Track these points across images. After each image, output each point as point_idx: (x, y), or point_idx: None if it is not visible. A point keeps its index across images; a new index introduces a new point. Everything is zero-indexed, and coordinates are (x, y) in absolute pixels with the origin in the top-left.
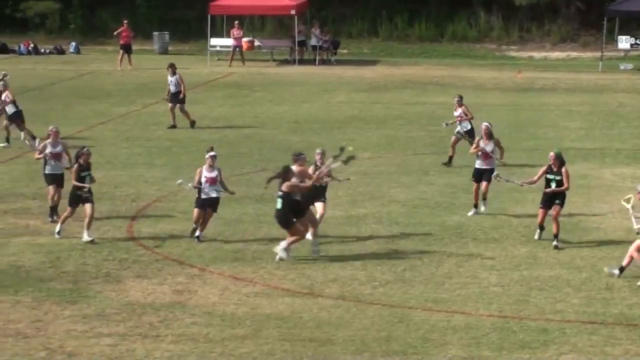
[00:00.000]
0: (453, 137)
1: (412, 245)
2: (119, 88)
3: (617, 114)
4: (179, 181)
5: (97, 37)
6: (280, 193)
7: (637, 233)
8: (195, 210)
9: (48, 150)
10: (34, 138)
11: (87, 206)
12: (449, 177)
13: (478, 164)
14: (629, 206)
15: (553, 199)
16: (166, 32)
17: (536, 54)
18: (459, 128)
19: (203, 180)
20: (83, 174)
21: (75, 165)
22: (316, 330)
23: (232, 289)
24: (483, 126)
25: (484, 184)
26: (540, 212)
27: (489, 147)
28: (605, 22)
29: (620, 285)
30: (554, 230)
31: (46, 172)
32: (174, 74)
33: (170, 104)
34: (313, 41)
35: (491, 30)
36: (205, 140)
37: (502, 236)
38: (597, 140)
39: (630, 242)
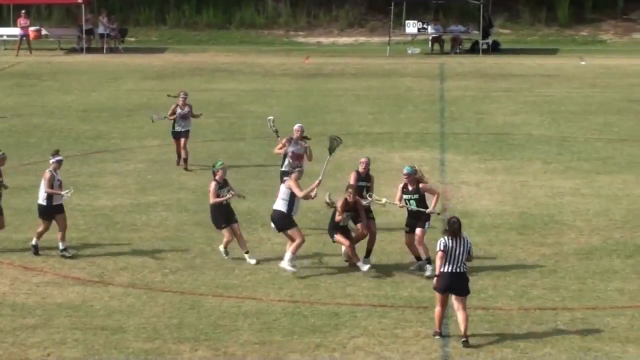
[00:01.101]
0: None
1: (202, 232)
2: None
3: (405, 98)
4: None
5: None
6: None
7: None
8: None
9: None
10: None
11: None
12: (238, 163)
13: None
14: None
15: (416, 220)
16: None
17: (324, 40)
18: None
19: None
20: None
21: None
22: (107, 318)
23: (22, 279)
24: (296, 126)
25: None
26: (406, 236)
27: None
28: (392, 7)
29: (406, 267)
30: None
31: None
32: None
33: None
34: (100, 29)
35: (279, 17)
36: None
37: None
38: (385, 124)
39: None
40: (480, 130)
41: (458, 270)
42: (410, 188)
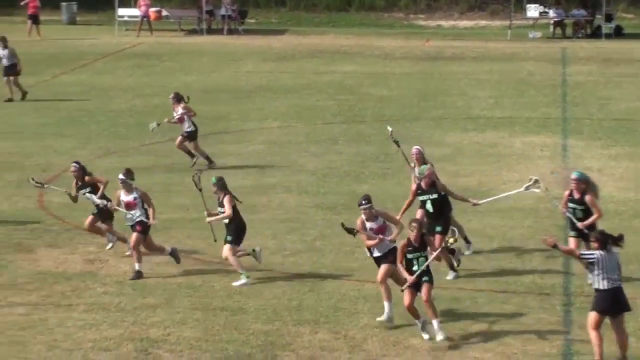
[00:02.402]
0: (179, 138)
1: (322, 215)
2: (28, 59)
3: (526, 82)
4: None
5: (5, 8)
6: None
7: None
8: None
9: None
10: None
11: None
12: (358, 147)
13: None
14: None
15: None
16: (74, 2)
17: (444, 23)
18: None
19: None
20: None
21: None
22: (227, 299)
23: (144, 258)
24: (414, 150)
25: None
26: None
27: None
28: None
29: (531, 255)
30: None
31: None
32: (5, 47)
33: (5, 77)
34: (222, 11)
35: None
36: (114, 110)
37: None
38: (506, 109)
39: (540, 211)
40: (603, 115)
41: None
42: (576, 196)
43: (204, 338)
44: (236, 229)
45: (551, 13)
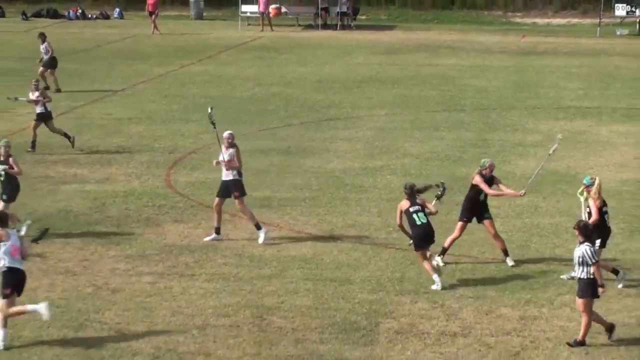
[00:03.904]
0: (34, 122)
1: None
2: (158, 50)
3: (613, 76)
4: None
5: (139, 3)
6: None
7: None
8: None
9: None
10: None
11: None
12: (458, 133)
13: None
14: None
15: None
16: None
17: (539, 20)
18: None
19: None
20: None
21: None
22: (336, 271)
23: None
24: (226, 134)
25: None
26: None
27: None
28: None
29: (614, 232)
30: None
31: None
32: (43, 42)
33: (49, 70)
34: (337, 8)
35: None
36: (237, 98)
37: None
38: (594, 99)
39: (623, 193)
40: None
41: None
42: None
43: (314, 306)
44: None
45: (637, 12)
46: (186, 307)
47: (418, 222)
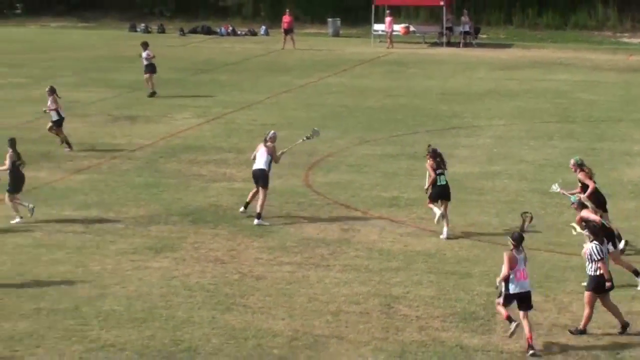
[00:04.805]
0: (55, 129)
1: (538, 198)
2: (299, 64)
3: None
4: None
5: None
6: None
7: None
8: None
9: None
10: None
11: None
12: (569, 142)
13: None
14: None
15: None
16: (338, 18)
17: None
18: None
19: None
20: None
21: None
22: (457, 265)
23: (389, 229)
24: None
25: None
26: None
27: None
28: None
29: None
30: None
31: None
32: (145, 49)
33: (146, 75)
34: (460, 27)
35: (608, 20)
36: (369, 107)
37: (613, 192)
38: None
39: None
40: None
41: None
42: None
43: (436, 296)
44: None
45: None
46: (321, 295)
47: (438, 183)
